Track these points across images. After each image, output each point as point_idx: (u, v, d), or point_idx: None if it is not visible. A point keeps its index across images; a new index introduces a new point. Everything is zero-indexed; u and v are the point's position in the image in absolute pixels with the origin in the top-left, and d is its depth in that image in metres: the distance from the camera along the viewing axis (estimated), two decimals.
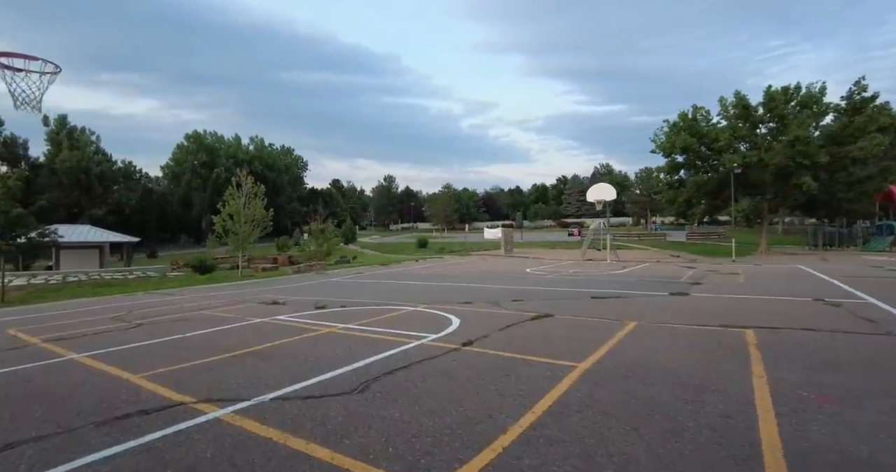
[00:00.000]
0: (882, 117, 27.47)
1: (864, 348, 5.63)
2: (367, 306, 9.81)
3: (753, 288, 11.87)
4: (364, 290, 13.60)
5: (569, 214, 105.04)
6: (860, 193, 30.43)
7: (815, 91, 30.23)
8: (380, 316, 8.49)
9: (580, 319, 7.92)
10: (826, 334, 6.52)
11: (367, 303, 10.39)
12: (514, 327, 7.22)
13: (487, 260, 26.02)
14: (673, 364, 5.07)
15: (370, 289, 13.74)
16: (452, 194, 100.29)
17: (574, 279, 15.00)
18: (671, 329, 6.94)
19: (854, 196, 30.94)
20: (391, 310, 9.17)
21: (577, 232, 68.44)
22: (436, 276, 17.14)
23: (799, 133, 28.28)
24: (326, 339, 6.77)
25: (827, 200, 31.48)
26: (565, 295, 11.08)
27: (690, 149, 33.50)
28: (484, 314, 8.48)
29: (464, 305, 9.69)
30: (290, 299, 12.06)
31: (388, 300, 10.71)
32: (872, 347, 5.74)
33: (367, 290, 13.54)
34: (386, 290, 13.27)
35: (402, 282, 15.27)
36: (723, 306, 9.05)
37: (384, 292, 12.60)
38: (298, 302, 11.29)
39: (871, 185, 29.99)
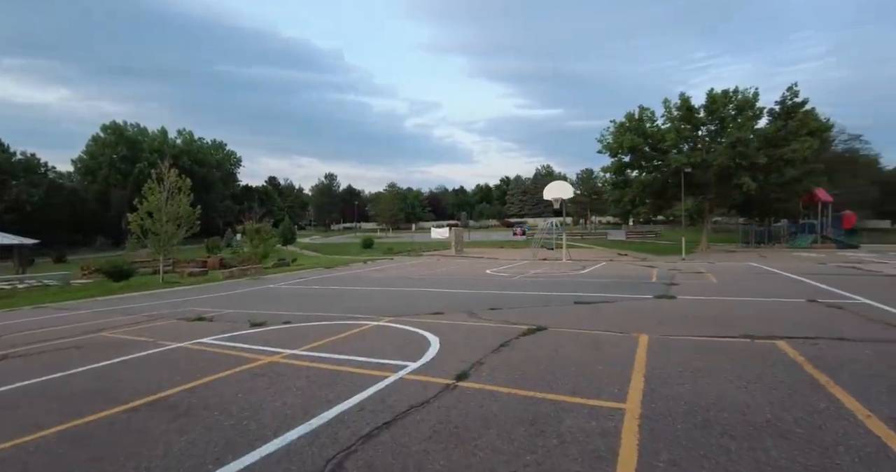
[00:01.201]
0: (811, 122, 28.95)
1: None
2: (318, 322, 8.05)
3: (733, 289, 11.27)
4: (311, 299, 11.72)
5: (512, 213, 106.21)
6: (791, 193, 32.07)
7: (750, 96, 31.48)
8: (335, 335, 6.80)
9: (580, 332, 6.67)
10: (869, 344, 5.67)
11: (316, 317, 8.61)
12: (510, 348, 5.83)
13: (442, 261, 24.63)
14: (743, 400, 3.87)
15: (318, 298, 11.88)
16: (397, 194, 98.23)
17: (541, 281, 13.92)
18: (694, 344, 5.83)
19: (785, 196, 32.63)
20: (349, 326, 7.49)
21: (521, 231, 68.85)
22: (392, 280, 15.49)
23: (740, 135, 29.25)
24: (269, 375, 5.02)
25: (762, 200, 32.93)
26: (544, 300, 9.87)
27: (637, 149, 33.92)
28: (464, 329, 7.02)
29: (435, 316, 8.19)
30: (221, 312, 10.00)
31: (342, 312, 8.98)
32: None
33: (314, 299, 11.67)
34: (337, 298, 11.48)
35: (355, 288, 13.50)
36: (721, 311, 8.18)
37: (336, 302, 10.82)
38: (230, 317, 9.29)
39: (799, 186, 31.66)
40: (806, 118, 29.10)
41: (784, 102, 30.34)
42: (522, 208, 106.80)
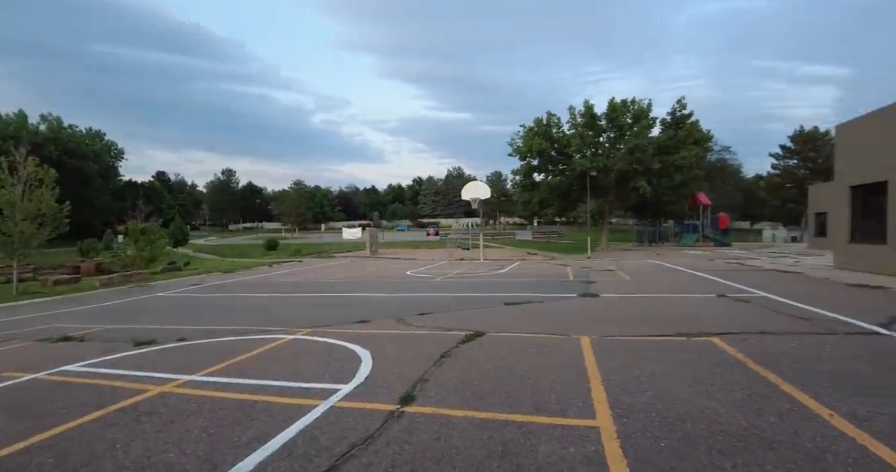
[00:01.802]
0: (696, 133, 32.14)
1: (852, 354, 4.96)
2: (221, 337, 6.85)
3: (646, 286, 11.76)
4: (210, 309, 10.23)
5: (425, 214, 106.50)
6: (679, 196, 35.39)
7: (645, 106, 34.21)
8: (244, 354, 5.74)
9: (520, 336, 6.29)
10: (790, 337, 5.93)
11: (219, 331, 7.36)
12: (452, 358, 5.25)
13: (357, 263, 23.48)
14: (711, 407, 3.65)
15: (219, 307, 10.40)
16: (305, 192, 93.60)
17: (465, 282, 13.59)
18: (636, 345, 5.70)
19: (674, 199, 35.94)
20: (260, 341, 6.42)
21: (434, 232, 69.12)
22: (305, 285, 14.22)
23: (638, 142, 31.60)
24: (159, 413, 3.94)
25: (654, 203, 35.93)
26: (473, 302, 9.46)
27: (545, 153, 35.32)
28: (397, 339, 6.32)
29: (360, 325, 7.38)
30: (95, 329, 8.26)
31: (250, 325, 7.80)
32: (858, 351, 5.12)
33: (214, 309, 10.20)
34: (243, 307, 10.12)
35: (262, 295, 12.10)
36: (645, 309, 8.33)
37: (241, 312, 9.50)
38: (108, 335, 7.67)
39: (686, 190, 35.03)
40: (692, 129, 32.23)
41: (674, 113, 33.33)
42: (435, 209, 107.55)
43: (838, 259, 15.00)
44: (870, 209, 14.01)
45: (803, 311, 7.74)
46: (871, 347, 5.47)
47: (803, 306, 8.13)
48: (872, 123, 13.69)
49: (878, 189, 13.23)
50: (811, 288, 10.68)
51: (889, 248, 12.67)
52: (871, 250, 13.36)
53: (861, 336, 6.00)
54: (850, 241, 14.40)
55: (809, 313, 7.52)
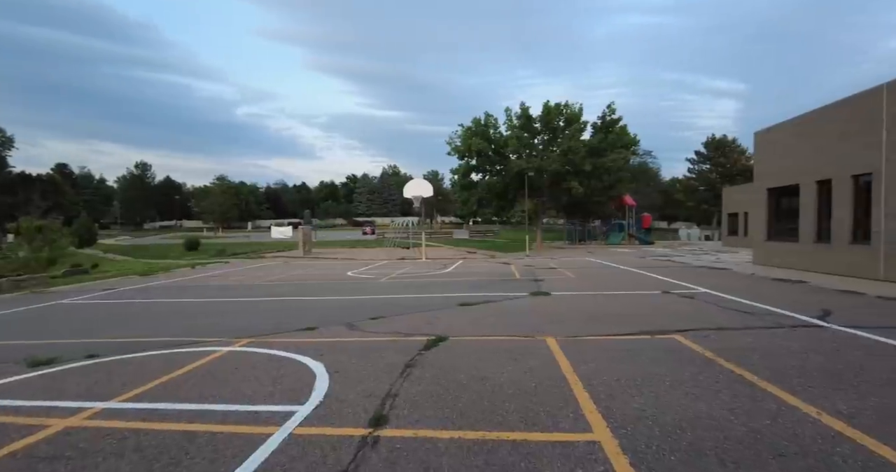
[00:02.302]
0: (625, 136, 33.81)
1: (806, 347, 5.09)
2: (142, 352, 5.86)
3: (594, 283, 11.93)
4: (126, 318, 8.96)
5: (360, 212, 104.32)
6: (607, 197, 37.09)
7: (576, 110, 35.48)
8: (173, 372, 4.90)
9: (485, 340, 5.96)
10: (745, 332, 6.07)
11: (138, 344, 6.34)
12: (419, 368, 4.79)
13: (292, 264, 22.15)
14: (704, 411, 3.49)
15: (137, 316, 9.14)
16: (229, 188, 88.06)
17: (412, 283, 13.10)
18: (604, 345, 5.56)
19: (603, 200, 37.62)
20: (191, 356, 5.56)
21: (371, 230, 67.77)
22: (235, 288, 13.03)
23: (570, 144, 32.67)
24: (63, 457, 3.12)
25: (585, 203, 37.37)
26: (426, 304, 9.01)
27: (483, 153, 35.60)
28: (352, 348, 5.74)
29: (308, 333, 6.68)
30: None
31: (177, 336, 6.82)
32: (810, 344, 5.27)
33: (131, 318, 8.94)
34: (167, 315, 8.96)
35: (187, 300, 10.85)
36: (600, 306, 8.34)
37: (165, 320, 8.37)
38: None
39: (614, 191, 36.78)
40: (621, 133, 33.86)
41: (604, 117, 34.82)
42: (370, 207, 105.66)
43: (757, 256, 16.20)
44: (784, 210, 15.24)
45: (745, 305, 8.08)
46: (818, 339, 5.70)
47: (743, 301, 8.51)
48: (785, 131, 14.88)
49: (792, 191, 14.40)
50: (743, 283, 11.33)
51: (800, 245, 13.82)
52: (786, 247, 14.52)
53: (805, 329, 6.27)
54: (767, 239, 15.59)
55: (751, 308, 7.86)
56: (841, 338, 5.75)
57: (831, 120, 12.73)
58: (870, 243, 11.38)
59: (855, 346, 5.38)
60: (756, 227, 16.32)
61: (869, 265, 11.39)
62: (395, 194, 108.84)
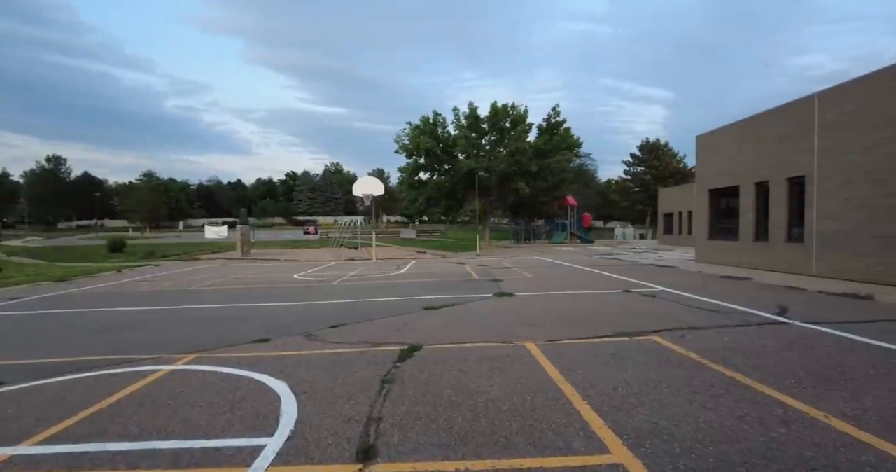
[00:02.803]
0: (569, 138, 34.70)
1: (780, 345, 5.14)
2: (62, 376, 4.93)
3: (553, 283, 11.89)
4: (39, 333, 7.71)
5: (300, 211, 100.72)
6: (552, 197, 37.95)
7: (522, 112, 36.00)
8: (104, 399, 4.10)
9: (462, 347, 5.57)
10: (718, 331, 6.08)
11: (57, 366, 5.37)
12: (399, 385, 4.31)
13: (231, 266, 20.67)
14: (716, 421, 3.30)
15: (53, 330, 7.90)
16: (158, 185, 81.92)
17: (368, 285, 12.48)
18: (586, 350, 5.35)
19: (548, 200, 38.45)
20: (125, 377, 4.74)
21: (314, 230, 65.52)
22: (170, 295, 11.79)
23: (518, 145, 33.06)
24: None
25: (531, 203, 38.02)
26: (388, 308, 8.49)
27: (431, 152, 35.28)
28: (316, 363, 5.14)
29: (260, 346, 5.98)
30: None
31: (105, 352, 5.87)
32: (781, 342, 5.33)
33: (46, 332, 7.70)
34: (91, 328, 7.79)
35: (115, 310, 9.60)
36: (567, 307, 8.21)
37: (89, 334, 7.25)
38: None
39: (558, 192, 37.70)
40: (565, 135, 34.72)
41: (549, 119, 35.57)
42: (312, 206, 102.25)
43: (699, 254, 16.98)
44: (724, 210, 16.04)
45: (706, 303, 8.24)
46: (788, 337, 5.80)
47: (703, 299, 8.70)
48: (725, 135, 15.66)
49: (732, 193, 15.17)
50: (694, 281, 11.71)
51: (740, 244, 14.57)
52: (727, 245, 15.28)
53: (772, 326, 6.40)
54: (709, 238, 16.36)
55: (713, 306, 8.01)
56: (809, 335, 5.89)
57: (769, 125, 13.50)
58: (804, 241, 12.13)
59: (824, 342, 5.51)
60: (698, 226, 17.11)
61: (803, 262, 12.15)
62: (338, 193, 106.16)
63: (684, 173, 60.36)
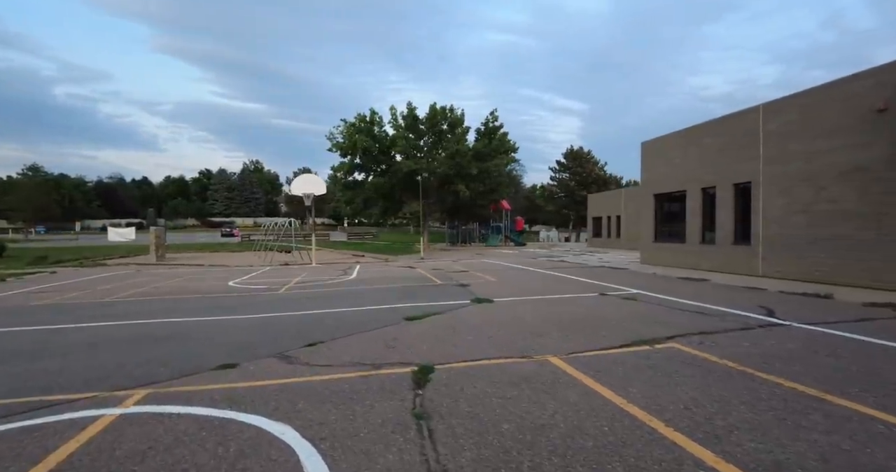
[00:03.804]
0: (506, 143, 35.08)
1: (804, 347, 4.98)
2: None
3: (522, 287, 11.47)
4: None
5: (216, 212, 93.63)
6: (489, 200, 38.20)
7: (459, 115, 35.88)
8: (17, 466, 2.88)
9: (479, 367, 4.85)
10: (725, 335, 5.88)
11: None
12: (439, 422, 3.49)
13: (147, 272, 18.13)
14: (818, 441, 2.89)
15: None
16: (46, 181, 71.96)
17: (322, 293, 11.29)
18: (617, 362, 4.86)
19: (485, 203, 38.66)
20: (49, 432, 3.45)
21: (237, 232, 61.01)
22: (85, 309, 9.79)
23: (458, 147, 32.82)
24: None
25: (469, 206, 37.98)
26: (362, 321, 7.51)
27: (369, 151, 34.05)
28: (316, 396, 4.15)
29: (229, 375, 4.82)
30: None
31: (19, 395, 4.40)
32: (799, 344, 5.19)
33: None
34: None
35: (12, 330, 7.67)
36: (555, 313, 7.76)
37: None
38: None
39: (496, 195, 38.02)
40: (503, 139, 35.05)
41: (487, 123, 35.74)
42: (229, 206, 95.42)
43: (645, 256, 17.53)
44: (669, 214, 16.66)
45: (689, 306, 8.19)
46: (799, 339, 5.74)
47: (682, 301, 8.67)
48: (670, 142, 16.29)
49: (677, 197, 15.78)
50: (658, 282, 11.85)
51: (687, 246, 15.16)
52: (673, 247, 15.86)
53: (775, 328, 6.36)
54: (654, 240, 16.92)
55: (698, 308, 7.97)
56: (818, 336, 5.87)
57: (715, 134, 14.16)
58: (750, 244, 12.78)
59: (838, 344, 5.47)
60: (644, 229, 17.68)
61: (749, 263, 12.80)
62: (259, 193, 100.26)
63: (605, 180, 63.87)
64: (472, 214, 41.67)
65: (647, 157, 17.41)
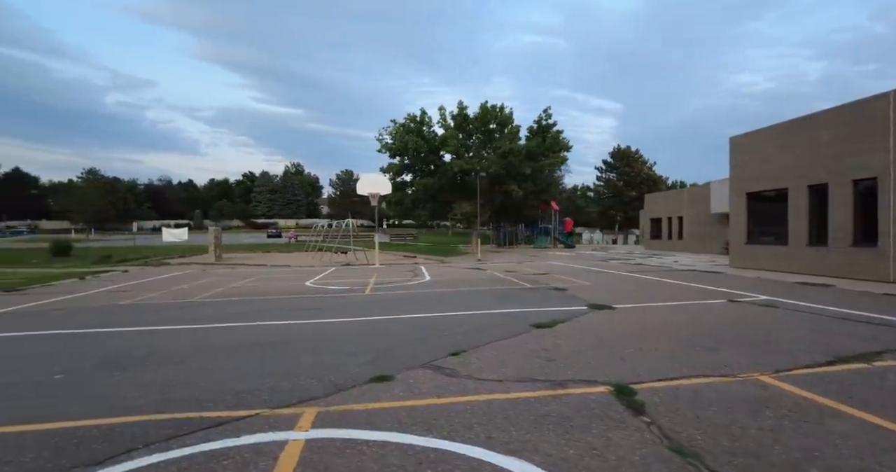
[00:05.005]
0: (560, 141, 34.02)
1: None
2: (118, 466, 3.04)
3: (628, 293, 10.58)
4: (26, 368, 5.52)
5: (259, 213, 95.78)
6: (541, 200, 37.19)
7: (507, 113, 35.08)
8: None
9: (685, 386, 4.07)
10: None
11: (90, 434, 3.43)
12: (721, 462, 2.75)
13: (213, 272, 18.14)
14: None
15: (39, 362, 5.73)
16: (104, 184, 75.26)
17: (410, 295, 10.74)
18: (853, 381, 3.98)
19: (536, 203, 37.66)
20: (234, 455, 2.90)
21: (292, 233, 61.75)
22: (179, 310, 9.55)
23: (511, 146, 32.02)
24: None
25: (520, 206, 37.06)
26: (479, 326, 6.83)
27: (420, 151, 33.70)
28: (520, 420, 3.46)
29: (392, 389, 4.22)
30: None
31: (152, 404, 3.94)
32: None
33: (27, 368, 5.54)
34: (100, 360, 5.67)
35: (120, 330, 7.40)
36: (705, 324, 6.89)
37: (103, 370, 5.16)
38: None
39: (547, 195, 37.01)
40: (556, 137, 34.01)
41: (540, 122, 34.81)
42: (272, 208, 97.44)
43: (735, 259, 16.23)
44: (764, 214, 15.34)
45: (854, 315, 7.17)
46: None
47: (838, 309, 7.64)
48: (765, 136, 15.00)
49: (773, 195, 14.47)
50: (779, 288, 10.68)
51: (790, 248, 13.86)
52: (771, 250, 14.56)
53: None
54: (747, 242, 15.63)
55: (869, 318, 6.93)
56: None
57: (825, 126, 12.86)
58: (876, 245, 11.45)
59: None
60: (734, 231, 16.37)
61: (874, 267, 11.47)
62: (300, 194, 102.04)
63: (655, 180, 61.64)
64: (521, 215, 40.62)
65: (737, 153, 16.12)
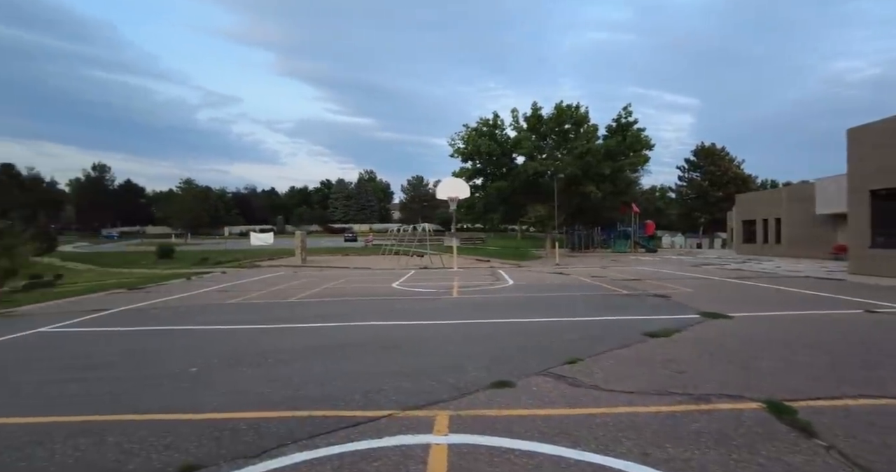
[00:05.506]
0: (642, 139, 32.33)
1: None
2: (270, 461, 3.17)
3: (740, 300, 9.76)
4: (167, 362, 6.04)
5: (336, 219, 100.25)
6: (621, 202, 35.58)
7: (583, 112, 33.88)
8: None
9: (847, 406, 3.58)
10: None
11: (239, 428, 3.62)
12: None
13: (302, 274, 19.12)
14: None
15: (184, 358, 6.24)
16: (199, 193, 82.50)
17: (498, 300, 10.64)
18: None
19: (614, 205, 36.07)
20: (383, 457, 2.90)
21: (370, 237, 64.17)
22: (282, 310, 10.13)
23: (589, 146, 30.93)
24: None
25: (598, 208, 35.64)
26: (587, 334, 6.53)
27: (492, 154, 33.49)
28: (667, 437, 3.20)
29: (517, 395, 4.09)
30: None
31: (281, 401, 4.10)
32: None
33: (167, 359, 6.05)
34: (228, 355, 6.10)
35: (232, 328, 7.95)
36: (826, 333, 6.12)
37: (229, 366, 5.53)
38: None
39: (626, 196, 35.35)
40: (637, 136, 32.37)
41: (619, 120, 33.35)
42: (347, 213, 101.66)
43: (855, 265, 14.49)
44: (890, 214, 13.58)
45: None
46: None
47: None
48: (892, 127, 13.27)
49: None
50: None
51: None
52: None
53: None
54: (871, 246, 13.90)
55: None
56: None
57: None
58: None
59: None
60: (854, 233, 14.61)
61: None
62: (373, 200, 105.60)
63: (744, 179, 56.97)
64: (598, 217, 39.04)
65: (858, 147, 14.36)
